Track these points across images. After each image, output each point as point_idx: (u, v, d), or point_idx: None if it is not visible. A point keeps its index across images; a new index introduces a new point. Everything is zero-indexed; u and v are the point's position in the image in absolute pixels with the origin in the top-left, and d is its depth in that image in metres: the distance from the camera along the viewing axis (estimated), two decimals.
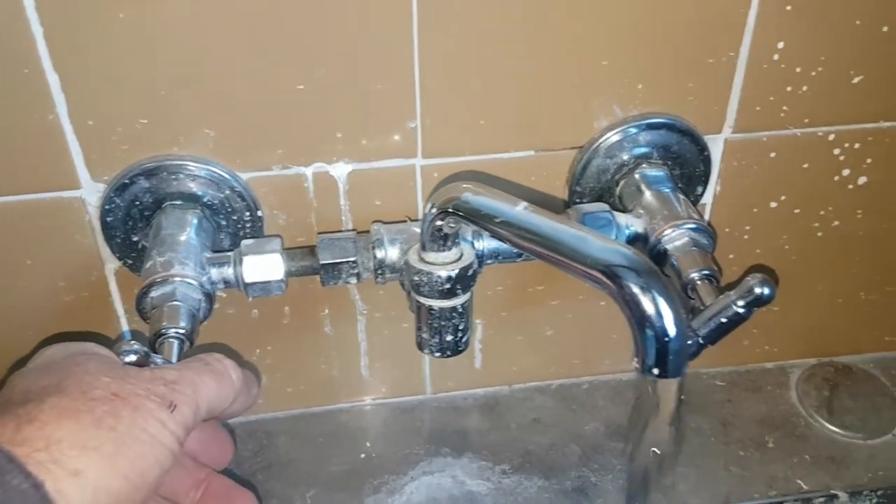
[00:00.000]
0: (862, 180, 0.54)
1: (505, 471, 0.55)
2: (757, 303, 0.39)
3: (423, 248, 0.38)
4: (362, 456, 0.56)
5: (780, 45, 0.47)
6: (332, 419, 0.58)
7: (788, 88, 0.49)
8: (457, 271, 0.38)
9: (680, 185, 0.51)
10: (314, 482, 0.54)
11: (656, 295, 0.28)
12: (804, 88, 0.49)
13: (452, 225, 0.36)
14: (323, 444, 0.57)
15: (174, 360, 0.39)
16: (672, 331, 0.28)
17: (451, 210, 0.35)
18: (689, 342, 0.41)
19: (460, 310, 0.39)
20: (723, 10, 0.46)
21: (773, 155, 0.52)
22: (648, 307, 0.28)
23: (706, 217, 0.54)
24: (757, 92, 0.49)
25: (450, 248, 0.38)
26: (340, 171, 0.48)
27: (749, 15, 0.46)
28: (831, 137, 0.51)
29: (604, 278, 0.29)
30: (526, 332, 0.58)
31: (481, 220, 0.34)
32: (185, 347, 0.40)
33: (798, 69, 0.48)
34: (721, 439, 0.57)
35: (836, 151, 0.52)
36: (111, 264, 0.50)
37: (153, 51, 0.43)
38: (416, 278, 0.38)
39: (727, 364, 0.62)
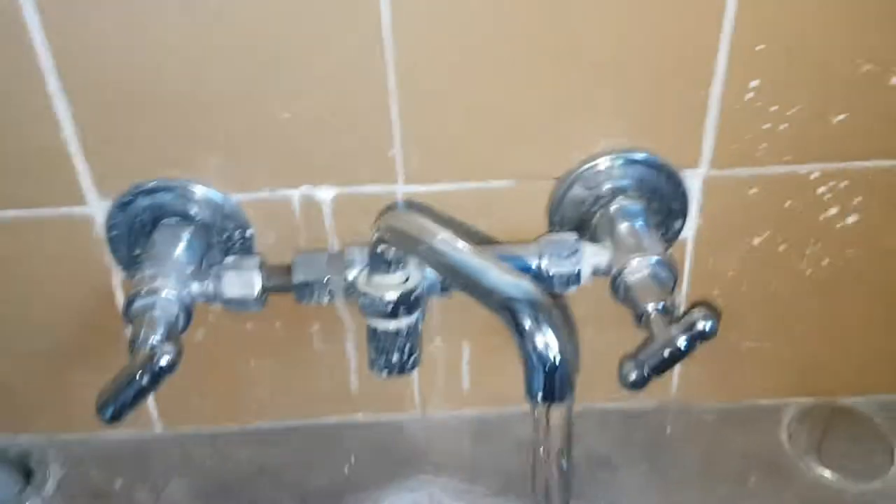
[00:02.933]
0: (851, 219, 0.53)
1: (483, 492, 0.56)
2: (699, 337, 0.40)
3: (370, 271, 0.40)
4: (346, 470, 0.58)
5: (754, 83, 0.48)
6: (323, 432, 0.61)
7: (766, 126, 0.49)
8: (398, 294, 0.40)
9: (657, 220, 0.52)
10: (299, 492, 0.57)
11: (545, 327, 0.29)
12: (782, 126, 0.49)
13: (393, 250, 0.38)
14: (312, 456, 0.59)
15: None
16: (557, 361, 0.29)
17: (385, 236, 0.37)
18: (633, 376, 0.42)
19: (406, 331, 0.41)
20: (693, 48, 0.46)
21: (753, 192, 0.52)
22: (537, 338, 0.29)
23: (689, 252, 0.54)
24: (733, 129, 0.49)
25: (394, 272, 0.40)
26: (325, 194, 0.51)
27: (719, 53, 0.46)
28: (814, 176, 0.51)
29: (499, 309, 0.31)
30: (514, 355, 0.59)
31: (408, 247, 0.36)
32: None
33: (774, 108, 0.48)
34: (701, 474, 0.57)
35: (821, 190, 0.52)
36: (117, 276, 0.54)
37: (153, 81, 0.46)
38: (361, 300, 0.41)
39: (720, 399, 0.62)
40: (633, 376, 0.41)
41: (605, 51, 0.47)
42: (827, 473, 0.56)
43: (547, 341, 0.29)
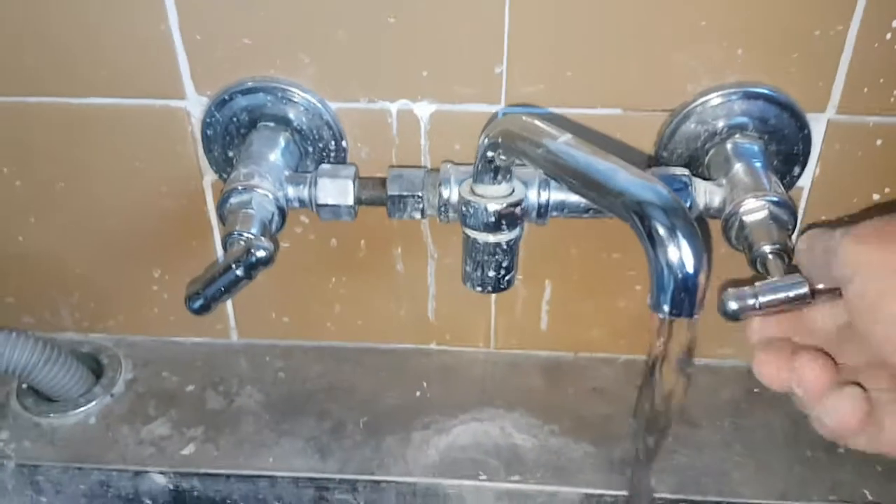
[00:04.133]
0: None
1: (554, 431, 0.55)
2: None
3: (475, 179, 0.38)
4: (417, 394, 0.57)
5: (895, 23, 0.44)
6: (396, 356, 0.60)
7: None
8: (503, 206, 0.38)
9: (775, 163, 0.49)
10: (369, 411, 0.56)
11: (679, 235, 0.27)
12: None
13: (503, 157, 0.36)
14: (383, 378, 0.58)
15: None
16: (691, 272, 0.27)
17: (499, 141, 0.35)
18: (742, 302, 0.39)
19: (504, 246, 0.40)
20: None
21: (879, 142, 0.48)
22: (671, 247, 0.27)
23: (802, 202, 0.51)
24: (866, 72, 0.46)
25: (500, 183, 0.38)
26: (424, 110, 0.49)
27: None
28: None
29: (628, 214, 0.29)
30: (597, 300, 0.58)
31: (525, 150, 0.34)
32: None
33: None
34: (790, 437, 0.54)
35: None
36: (209, 176, 0.53)
37: None
38: (464, 209, 0.39)
39: None
40: (734, 305, 0.38)
41: None
42: None
43: (681, 251, 0.27)
